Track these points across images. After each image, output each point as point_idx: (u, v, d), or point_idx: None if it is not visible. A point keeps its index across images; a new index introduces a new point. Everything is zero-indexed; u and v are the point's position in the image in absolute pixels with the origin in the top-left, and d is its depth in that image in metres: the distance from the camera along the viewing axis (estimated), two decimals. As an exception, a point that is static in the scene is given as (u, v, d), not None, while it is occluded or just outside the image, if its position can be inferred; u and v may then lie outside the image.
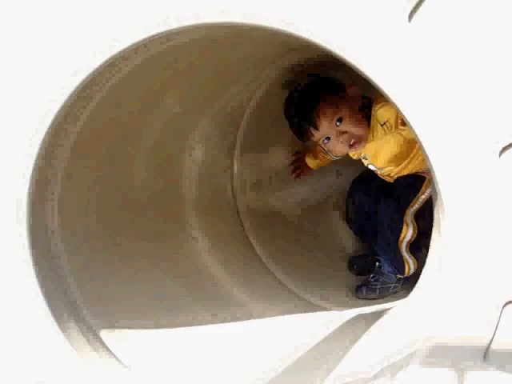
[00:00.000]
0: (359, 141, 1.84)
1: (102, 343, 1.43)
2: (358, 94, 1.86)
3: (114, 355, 1.42)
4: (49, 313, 1.33)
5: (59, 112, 1.22)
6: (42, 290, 1.32)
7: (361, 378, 1.17)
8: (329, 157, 2.24)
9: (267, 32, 1.06)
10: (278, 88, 2.08)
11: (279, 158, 2.45)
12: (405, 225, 1.91)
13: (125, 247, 1.72)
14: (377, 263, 2.07)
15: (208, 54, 1.54)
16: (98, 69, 1.19)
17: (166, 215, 1.98)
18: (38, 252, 1.33)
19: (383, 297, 2.01)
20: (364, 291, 2.02)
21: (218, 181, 2.26)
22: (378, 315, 1.50)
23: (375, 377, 1.15)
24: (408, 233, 1.92)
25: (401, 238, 1.92)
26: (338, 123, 1.81)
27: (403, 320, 1.24)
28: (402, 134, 1.81)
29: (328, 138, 1.85)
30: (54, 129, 1.24)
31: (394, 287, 2.02)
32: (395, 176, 2.03)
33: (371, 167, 2.04)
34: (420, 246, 1.96)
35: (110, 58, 1.17)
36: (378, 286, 2.00)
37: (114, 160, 1.68)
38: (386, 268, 2.02)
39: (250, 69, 1.87)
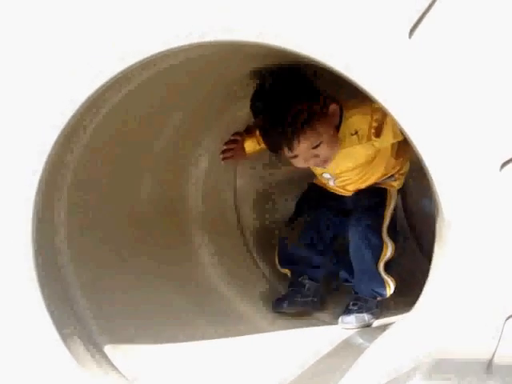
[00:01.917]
0: (326, 161, 1.72)
1: (106, 357, 1.43)
2: (337, 112, 1.71)
3: (118, 370, 1.42)
4: (54, 329, 1.33)
5: (66, 126, 1.23)
6: (48, 307, 1.33)
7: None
8: None
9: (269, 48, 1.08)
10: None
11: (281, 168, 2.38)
12: (384, 244, 1.83)
13: (130, 261, 1.72)
14: (354, 290, 1.94)
15: (215, 68, 1.56)
16: (106, 83, 1.21)
17: (171, 229, 1.98)
18: (45, 269, 1.34)
19: (370, 325, 1.86)
20: (355, 322, 1.84)
21: (222, 193, 2.26)
22: (381, 329, 1.50)
23: (379, 390, 1.15)
24: (388, 252, 1.85)
25: (381, 257, 1.84)
26: (315, 148, 1.65)
27: (406, 334, 1.23)
28: (374, 145, 1.75)
29: (296, 156, 1.68)
30: (59, 144, 1.26)
31: (376, 312, 1.89)
32: (352, 189, 1.95)
33: (326, 175, 1.92)
34: (391, 264, 1.88)
35: (119, 73, 1.19)
36: (365, 313, 1.86)
37: (121, 174, 1.69)
38: (365, 293, 1.90)
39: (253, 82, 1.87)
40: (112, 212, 1.68)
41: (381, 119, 1.67)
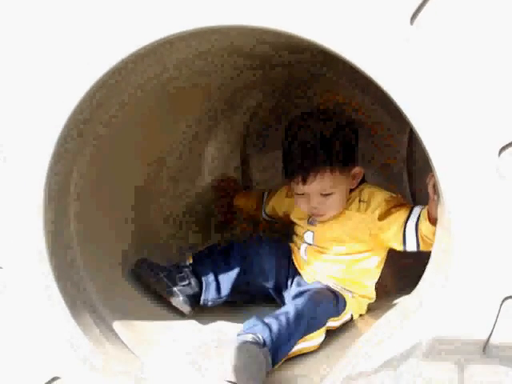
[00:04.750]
0: (325, 214, 1.68)
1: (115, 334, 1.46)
2: (359, 177, 1.70)
3: (126, 345, 1.46)
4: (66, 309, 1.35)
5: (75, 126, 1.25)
6: (64, 299, 1.34)
7: (363, 371, 1.19)
8: (264, 219, 2.07)
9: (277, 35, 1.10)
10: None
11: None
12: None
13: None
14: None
15: (227, 66, 1.60)
16: (113, 85, 1.24)
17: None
18: (57, 262, 1.34)
19: None
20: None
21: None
22: (380, 311, 1.51)
23: (377, 370, 1.17)
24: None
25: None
26: (324, 195, 1.64)
27: (404, 315, 1.26)
28: (374, 222, 1.61)
29: (303, 194, 1.67)
30: (69, 148, 1.28)
31: None
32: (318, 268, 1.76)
33: (308, 235, 1.78)
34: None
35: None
36: None
37: (129, 180, 1.73)
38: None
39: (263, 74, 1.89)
40: (121, 215, 1.71)
41: (390, 206, 1.61)
